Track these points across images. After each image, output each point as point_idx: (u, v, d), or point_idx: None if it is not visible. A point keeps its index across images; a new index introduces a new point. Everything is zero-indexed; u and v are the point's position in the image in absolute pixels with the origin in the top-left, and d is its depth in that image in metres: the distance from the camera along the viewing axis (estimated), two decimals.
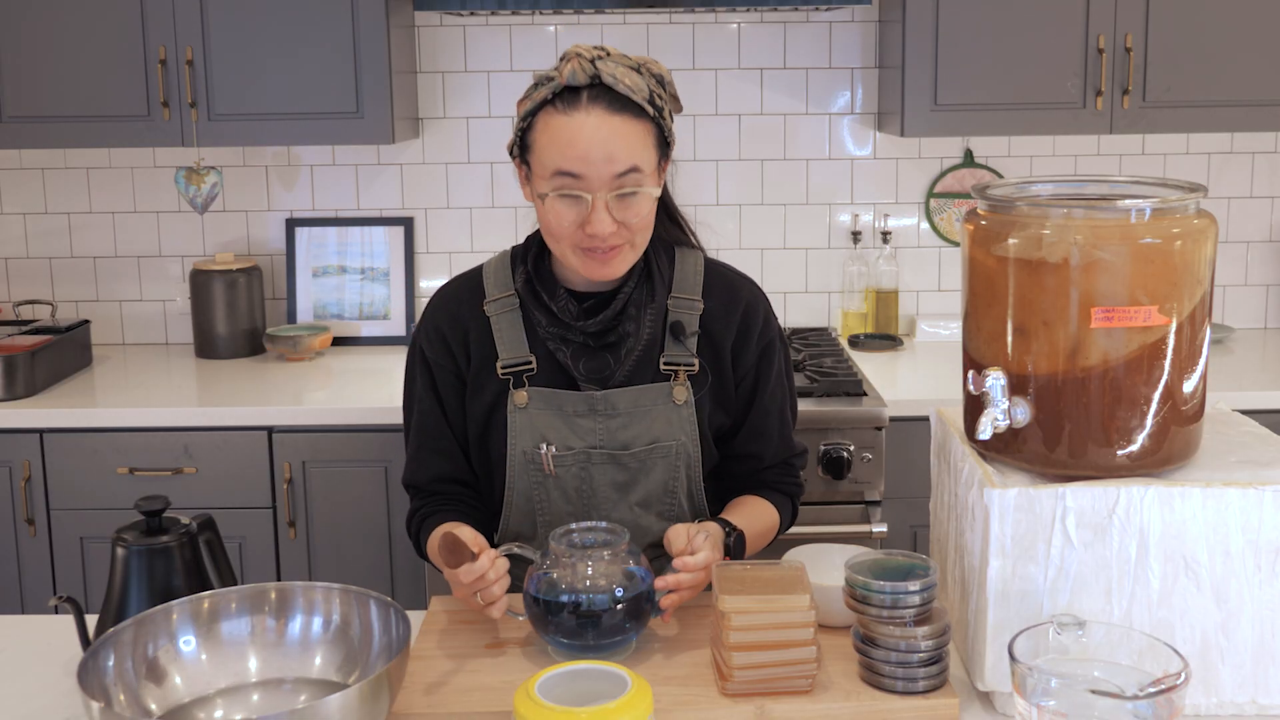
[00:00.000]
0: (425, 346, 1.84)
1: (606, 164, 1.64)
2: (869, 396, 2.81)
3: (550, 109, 1.67)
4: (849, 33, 3.33)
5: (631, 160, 1.65)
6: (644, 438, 1.78)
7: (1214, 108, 3.02)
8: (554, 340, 1.78)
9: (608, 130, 1.64)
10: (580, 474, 1.79)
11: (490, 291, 1.82)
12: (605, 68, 1.65)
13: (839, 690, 1.45)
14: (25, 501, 2.84)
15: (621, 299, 1.76)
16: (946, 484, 1.60)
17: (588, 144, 1.63)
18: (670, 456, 1.79)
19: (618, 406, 1.77)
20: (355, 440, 2.83)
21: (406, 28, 3.22)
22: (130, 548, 1.54)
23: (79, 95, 3.01)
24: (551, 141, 1.65)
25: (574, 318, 1.76)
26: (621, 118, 1.65)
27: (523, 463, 1.79)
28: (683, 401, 1.78)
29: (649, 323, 1.78)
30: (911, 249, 3.43)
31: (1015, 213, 1.42)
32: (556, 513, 1.80)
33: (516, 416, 1.78)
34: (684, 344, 1.80)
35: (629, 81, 1.66)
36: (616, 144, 1.64)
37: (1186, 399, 1.43)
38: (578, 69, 1.65)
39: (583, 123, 1.64)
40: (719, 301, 1.83)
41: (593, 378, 1.78)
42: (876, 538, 2.71)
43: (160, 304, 3.46)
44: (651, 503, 1.81)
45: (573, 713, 1.24)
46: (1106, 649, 1.30)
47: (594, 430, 1.78)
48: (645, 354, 1.79)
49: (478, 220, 3.41)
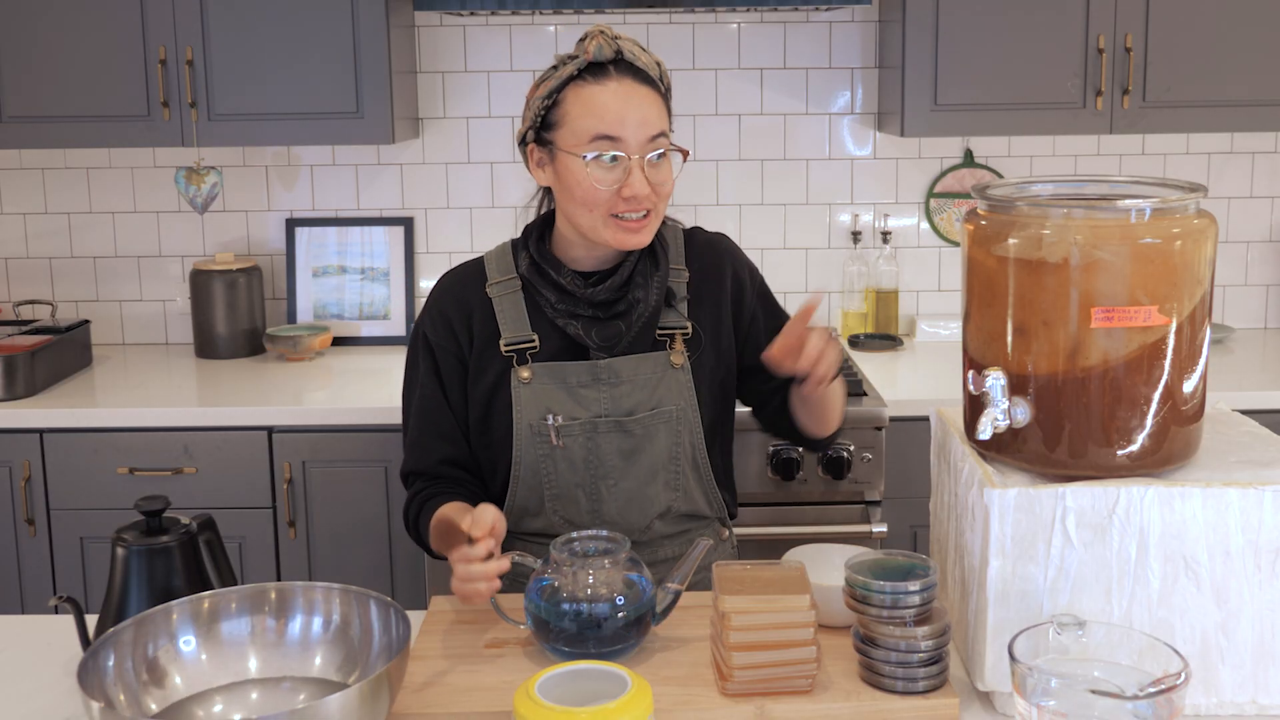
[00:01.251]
0: (429, 330, 1.88)
1: (641, 127, 1.74)
2: (869, 396, 2.81)
3: (579, 82, 1.76)
4: (849, 33, 3.33)
5: (660, 125, 1.76)
6: (646, 403, 1.83)
7: (1214, 108, 3.02)
8: (563, 316, 1.83)
9: (638, 97, 1.75)
10: (587, 443, 1.82)
11: (492, 275, 1.88)
12: (625, 45, 1.77)
13: (839, 690, 1.45)
14: (25, 501, 2.84)
15: (628, 267, 1.83)
16: (946, 484, 1.60)
17: (622, 108, 1.74)
18: (671, 422, 1.84)
19: (620, 374, 1.82)
20: (355, 440, 2.83)
21: (406, 28, 3.22)
22: (130, 548, 1.54)
23: (79, 95, 3.01)
24: (587, 110, 1.74)
25: (581, 289, 1.82)
26: (646, 88, 1.77)
27: (529, 436, 1.82)
28: (679, 366, 1.84)
29: (655, 290, 1.84)
30: (911, 249, 3.43)
31: (1015, 213, 1.42)
32: (564, 484, 1.83)
33: (521, 391, 1.82)
34: (676, 309, 1.86)
35: (644, 59, 1.79)
36: (647, 109, 1.75)
37: (1186, 399, 1.43)
38: (603, 44, 1.75)
39: (615, 90, 1.75)
40: (704, 264, 1.91)
41: (605, 345, 1.83)
42: (876, 538, 2.71)
43: (160, 304, 3.46)
44: (657, 472, 1.84)
45: (573, 713, 1.24)
46: (1106, 649, 1.30)
47: (598, 399, 1.82)
48: (647, 323, 1.84)
49: (478, 220, 3.41)
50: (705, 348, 1.88)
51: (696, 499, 1.89)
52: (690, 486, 1.87)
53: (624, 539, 1.58)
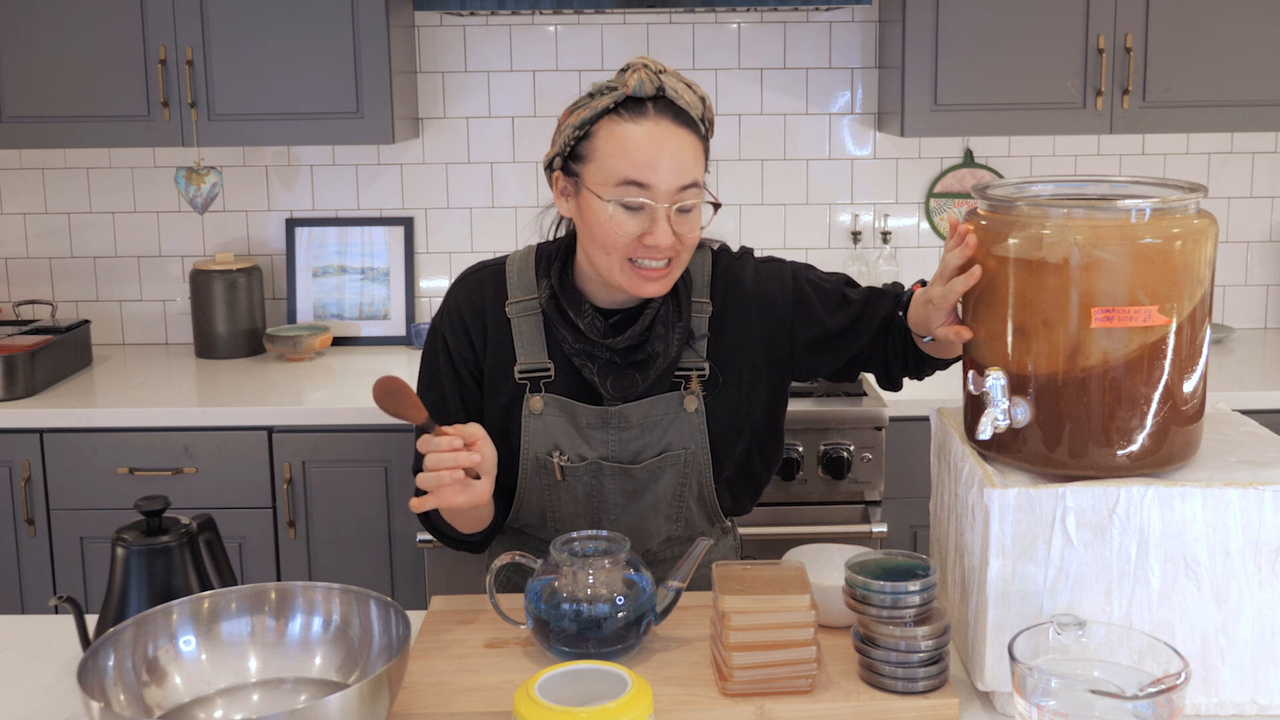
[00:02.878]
0: (447, 334, 1.82)
1: (674, 175, 1.63)
2: (869, 396, 2.81)
3: (615, 117, 1.65)
4: (849, 33, 3.33)
5: (692, 174, 1.65)
6: (654, 447, 1.78)
7: (1214, 108, 3.02)
8: (579, 356, 1.76)
9: (675, 142, 1.64)
10: (591, 482, 1.79)
11: (513, 293, 1.80)
12: (668, 81, 1.66)
13: (839, 690, 1.45)
14: (25, 501, 2.84)
15: (649, 315, 1.75)
16: (946, 484, 1.60)
17: (657, 153, 1.62)
18: (679, 465, 1.79)
19: (630, 419, 1.77)
20: (355, 440, 2.83)
21: (406, 28, 3.22)
22: (130, 548, 1.54)
23: (79, 95, 3.01)
24: (619, 149, 1.64)
25: (601, 335, 1.74)
26: (685, 131, 1.66)
27: (535, 467, 1.79)
28: (693, 410, 1.78)
29: (677, 340, 1.76)
30: (911, 249, 3.43)
31: (1015, 213, 1.42)
32: (566, 514, 1.81)
33: (531, 422, 1.77)
34: (694, 349, 1.79)
35: (688, 97, 1.67)
36: (684, 156, 1.64)
37: (1186, 399, 1.43)
38: (645, 79, 1.64)
39: (651, 132, 1.63)
40: (728, 294, 1.81)
41: (619, 395, 1.76)
42: (876, 538, 2.71)
43: (160, 304, 3.46)
44: (660, 508, 1.81)
45: (572, 713, 1.24)
46: (1106, 649, 1.30)
47: (606, 442, 1.78)
48: (665, 371, 1.78)
49: (478, 220, 3.41)
50: (724, 386, 1.79)
51: (699, 524, 1.87)
52: (693, 517, 1.84)
53: (624, 539, 1.58)
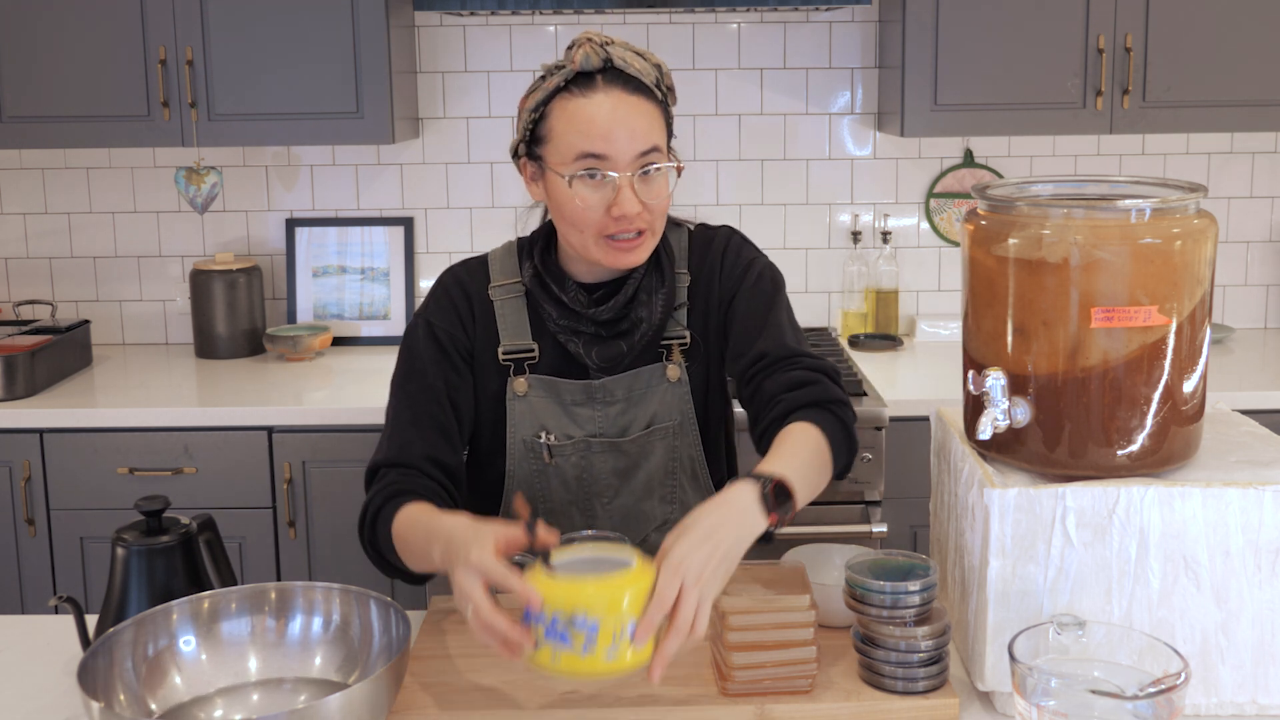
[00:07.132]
0: (435, 318, 1.78)
1: (630, 142, 1.63)
2: (869, 397, 2.81)
3: (565, 95, 1.65)
4: (849, 33, 3.33)
5: (651, 139, 1.65)
6: (641, 420, 1.78)
7: (1214, 108, 3.02)
8: (564, 333, 1.76)
9: (626, 109, 1.64)
10: (580, 462, 1.78)
11: (495, 277, 1.81)
12: (615, 52, 1.66)
13: (839, 690, 1.45)
14: (25, 501, 2.84)
15: (632, 284, 1.75)
16: (946, 484, 1.60)
17: (610, 123, 1.63)
18: (669, 437, 1.79)
19: (615, 393, 1.77)
20: (355, 440, 2.83)
21: (406, 28, 3.22)
22: (130, 548, 1.54)
23: (79, 95, 3.01)
24: (571, 125, 1.64)
25: (584, 307, 1.75)
26: (637, 98, 1.66)
27: (523, 451, 1.78)
28: (676, 380, 1.79)
29: (660, 308, 1.77)
30: (911, 249, 3.43)
31: (1015, 213, 1.42)
32: (557, 500, 1.80)
33: (515, 404, 1.77)
34: (675, 318, 1.80)
35: (638, 65, 1.67)
36: (637, 122, 1.64)
37: (1186, 399, 1.43)
38: (590, 53, 1.64)
39: (601, 103, 1.64)
40: (700, 264, 1.82)
41: (606, 366, 1.77)
42: (876, 538, 2.71)
43: (160, 304, 3.46)
44: (654, 487, 1.81)
45: (580, 581, 1.29)
46: (1106, 649, 1.30)
47: (592, 418, 1.78)
48: (650, 339, 1.79)
49: (478, 220, 3.41)
50: (702, 354, 1.81)
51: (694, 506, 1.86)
52: (688, 498, 1.83)
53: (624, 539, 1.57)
